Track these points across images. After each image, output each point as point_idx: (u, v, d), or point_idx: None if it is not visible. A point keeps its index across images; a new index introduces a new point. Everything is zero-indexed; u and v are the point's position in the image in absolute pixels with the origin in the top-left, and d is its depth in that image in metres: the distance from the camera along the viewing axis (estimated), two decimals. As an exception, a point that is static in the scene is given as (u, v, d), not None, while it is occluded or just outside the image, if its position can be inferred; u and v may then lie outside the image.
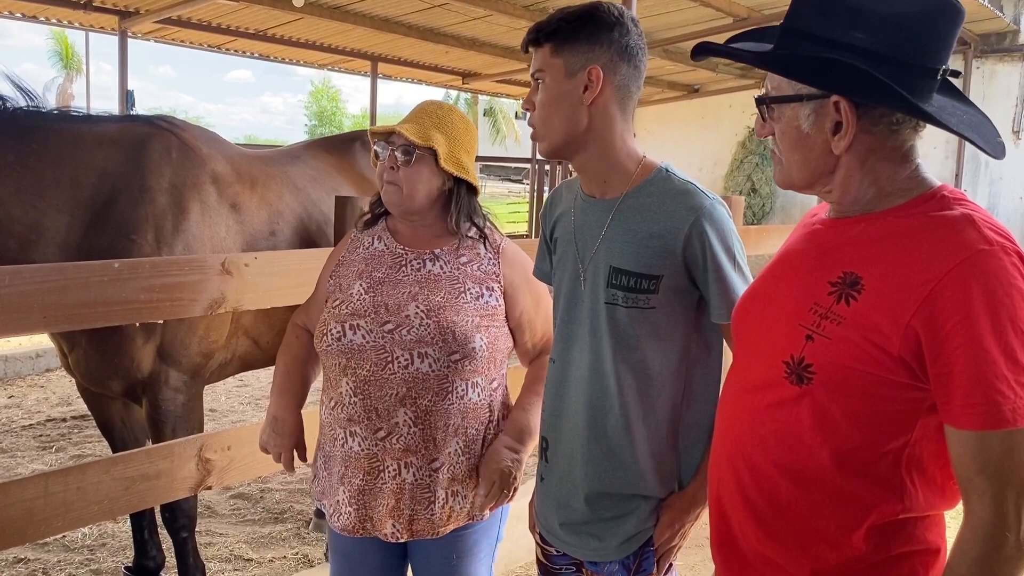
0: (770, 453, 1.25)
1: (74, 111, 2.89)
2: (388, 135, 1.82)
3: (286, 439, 1.88)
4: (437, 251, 1.85)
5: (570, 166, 1.67)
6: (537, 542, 1.80)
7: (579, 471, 1.61)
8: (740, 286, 1.51)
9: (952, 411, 1.08)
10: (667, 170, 1.58)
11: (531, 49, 1.57)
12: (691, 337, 1.57)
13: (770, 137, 1.29)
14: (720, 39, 1.41)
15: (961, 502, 1.21)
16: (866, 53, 1.14)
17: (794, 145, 1.24)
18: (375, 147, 1.84)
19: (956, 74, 1.21)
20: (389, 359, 1.75)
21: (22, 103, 2.63)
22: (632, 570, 1.62)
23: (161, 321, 2.52)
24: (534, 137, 1.60)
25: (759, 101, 1.27)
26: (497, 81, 12.42)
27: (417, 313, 1.78)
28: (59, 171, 2.58)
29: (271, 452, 1.90)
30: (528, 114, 1.59)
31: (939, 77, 1.18)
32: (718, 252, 1.50)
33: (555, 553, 1.74)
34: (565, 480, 1.65)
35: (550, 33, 1.52)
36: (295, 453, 1.90)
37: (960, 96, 1.26)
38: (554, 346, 1.69)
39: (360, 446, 1.79)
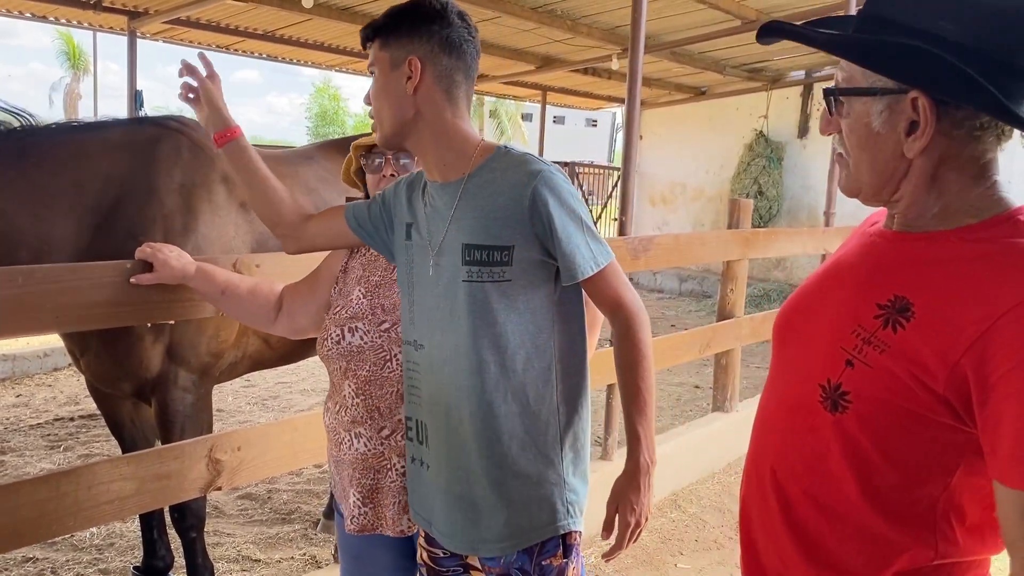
0: (800, 479, 1.18)
1: (75, 121, 2.89)
2: (374, 146, 1.87)
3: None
4: None
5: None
6: (421, 544, 1.75)
7: (460, 455, 1.59)
8: (587, 242, 1.53)
9: (999, 465, 0.98)
10: (506, 147, 1.62)
11: (367, 46, 1.63)
12: (551, 309, 1.57)
13: (835, 136, 1.17)
14: (728, 42, 1.34)
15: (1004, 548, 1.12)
16: (955, 47, 1.01)
17: (862, 144, 1.12)
18: (364, 159, 1.90)
19: None
20: (388, 358, 1.80)
21: (15, 124, 2.64)
22: (535, 554, 1.58)
23: (172, 321, 2.52)
24: (372, 128, 1.66)
25: (827, 93, 1.15)
26: (504, 83, 12.41)
27: None
28: (62, 179, 2.58)
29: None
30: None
31: None
32: (560, 212, 1.51)
33: (442, 555, 1.70)
34: (447, 465, 1.61)
35: (377, 29, 1.60)
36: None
37: None
38: (416, 331, 1.66)
39: (366, 446, 1.81)
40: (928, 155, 1.08)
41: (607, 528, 1.58)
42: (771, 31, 1.19)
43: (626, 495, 1.56)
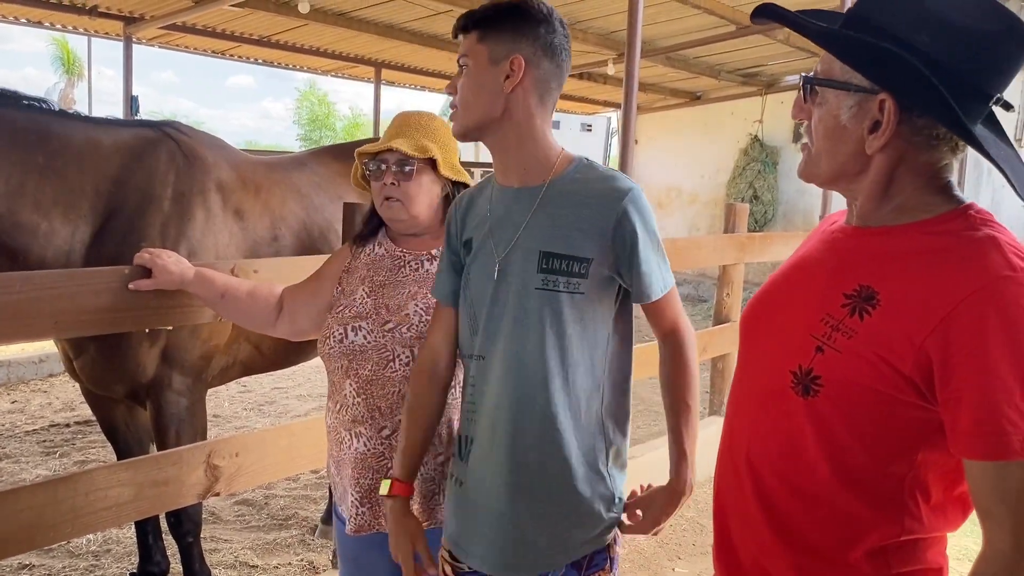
0: (772, 464, 1.24)
1: (78, 114, 2.89)
2: (377, 153, 1.87)
3: None
4: (435, 251, 1.90)
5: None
6: (445, 558, 1.67)
7: (513, 470, 1.55)
8: (660, 267, 1.56)
9: (960, 440, 1.06)
10: (588, 160, 1.61)
11: (460, 36, 1.59)
12: (608, 326, 1.57)
13: (804, 124, 1.24)
14: (723, 47, 1.39)
15: (963, 524, 1.19)
16: (927, 59, 1.08)
17: (828, 134, 1.19)
18: (367, 166, 1.90)
19: (1009, 107, 1.15)
20: (391, 358, 1.80)
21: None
22: (584, 567, 1.60)
23: (171, 327, 2.53)
24: (452, 118, 1.63)
25: (805, 80, 1.22)
26: (500, 87, 12.41)
27: (416, 311, 1.83)
28: (63, 180, 2.58)
29: None
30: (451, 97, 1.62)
31: (991, 104, 1.12)
32: (644, 233, 1.53)
33: (467, 570, 1.64)
34: (494, 481, 1.57)
35: (477, 21, 1.55)
36: None
37: (1001, 131, 1.19)
38: (479, 343, 1.60)
39: (366, 446, 1.81)
40: (887, 155, 1.15)
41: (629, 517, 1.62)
42: (765, 13, 1.24)
43: (663, 509, 1.60)
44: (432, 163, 1.86)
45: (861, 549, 1.17)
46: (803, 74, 1.23)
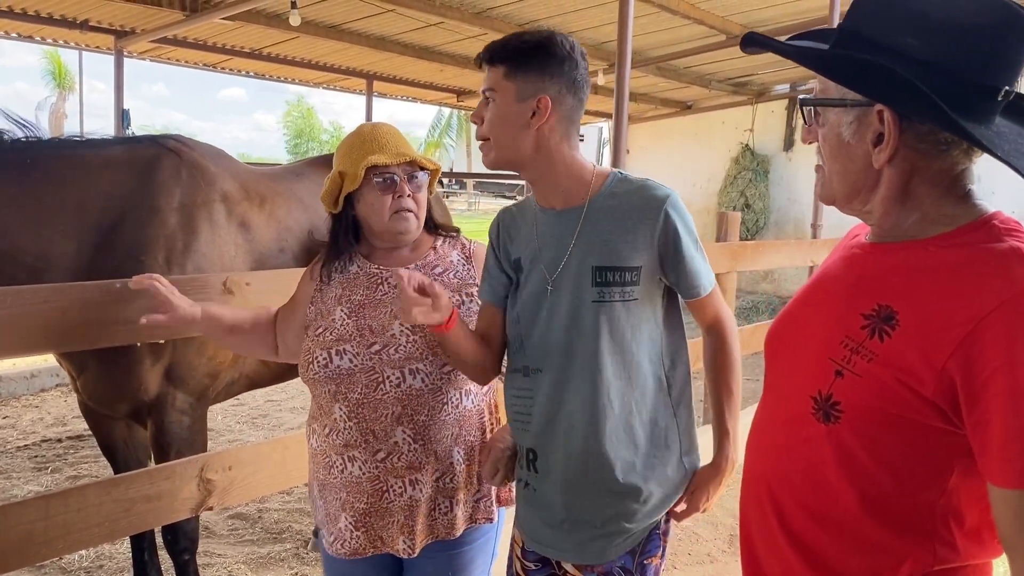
0: (796, 493, 1.19)
1: (76, 137, 2.87)
2: (387, 166, 1.82)
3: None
4: (412, 267, 1.86)
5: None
6: (518, 556, 1.80)
7: (579, 475, 1.63)
8: (704, 264, 1.64)
9: (989, 465, 0.99)
10: (621, 172, 1.67)
11: (484, 66, 1.63)
12: (660, 324, 1.65)
13: (815, 145, 1.22)
14: (714, 56, 1.39)
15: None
16: (921, 63, 1.04)
17: (834, 154, 1.16)
18: (377, 178, 1.81)
19: (1022, 97, 1.09)
20: (380, 380, 1.76)
21: (19, 135, 2.61)
22: (638, 553, 1.67)
23: (162, 341, 2.51)
24: (482, 148, 1.67)
25: (803, 103, 1.20)
26: (491, 99, 12.46)
27: (403, 331, 1.79)
28: (64, 197, 2.57)
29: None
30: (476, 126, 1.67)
31: (1000, 98, 1.06)
32: (686, 236, 1.60)
33: (534, 568, 1.76)
34: (563, 487, 1.65)
35: (506, 56, 1.59)
36: None
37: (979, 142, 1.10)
38: (533, 356, 1.66)
39: (361, 470, 1.78)
40: (898, 167, 1.11)
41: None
42: (751, 42, 1.23)
43: (707, 485, 1.71)
44: (432, 172, 1.90)
45: None
46: (801, 96, 1.21)
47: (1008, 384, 0.95)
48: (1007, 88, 1.06)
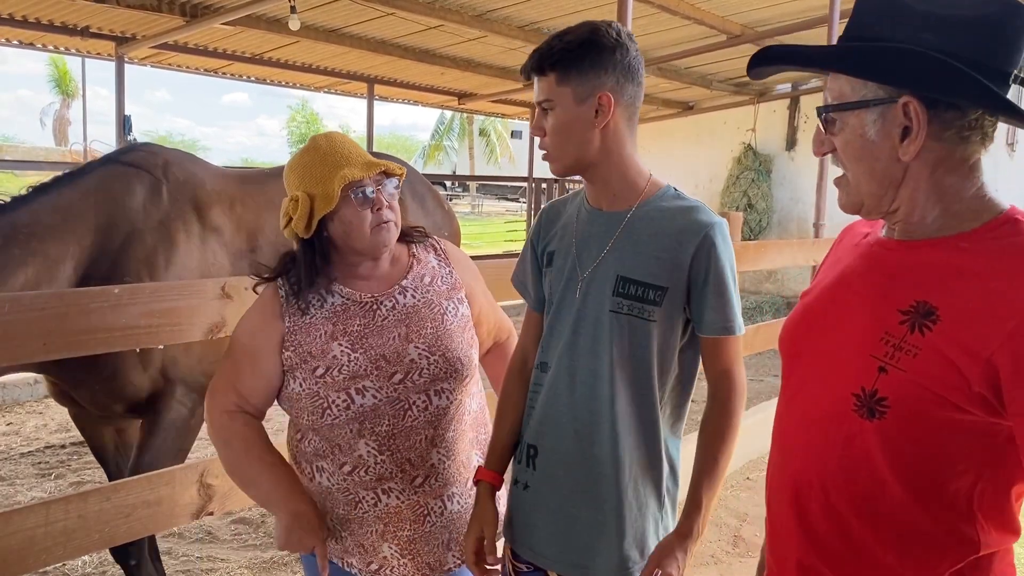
0: (840, 490, 1.19)
1: (48, 182, 2.85)
2: (361, 180, 1.69)
3: (320, 531, 1.67)
4: (403, 283, 1.77)
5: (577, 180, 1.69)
6: (508, 557, 1.73)
7: (572, 479, 1.60)
8: (735, 304, 1.55)
9: None
10: (676, 189, 1.62)
11: (533, 76, 1.56)
12: (674, 356, 1.59)
13: (832, 156, 1.21)
14: (714, 56, 1.37)
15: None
16: (942, 55, 1.06)
17: (859, 155, 1.16)
18: (354, 194, 1.67)
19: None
20: (407, 407, 1.69)
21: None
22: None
23: (161, 346, 2.54)
24: (546, 159, 1.60)
25: (820, 111, 1.19)
26: (492, 101, 12.47)
27: (421, 354, 1.71)
28: (62, 245, 2.66)
29: (304, 551, 1.70)
30: (538, 139, 1.60)
31: (1011, 82, 1.10)
32: (724, 267, 1.53)
33: (525, 570, 1.70)
34: (563, 487, 1.61)
35: (555, 62, 1.52)
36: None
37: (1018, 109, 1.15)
38: (544, 351, 1.65)
39: (399, 499, 1.72)
40: (923, 160, 1.12)
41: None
42: (763, 60, 1.23)
43: (673, 553, 1.53)
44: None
45: (944, 568, 1.13)
46: (818, 106, 1.20)
47: None
48: (1016, 71, 1.09)
